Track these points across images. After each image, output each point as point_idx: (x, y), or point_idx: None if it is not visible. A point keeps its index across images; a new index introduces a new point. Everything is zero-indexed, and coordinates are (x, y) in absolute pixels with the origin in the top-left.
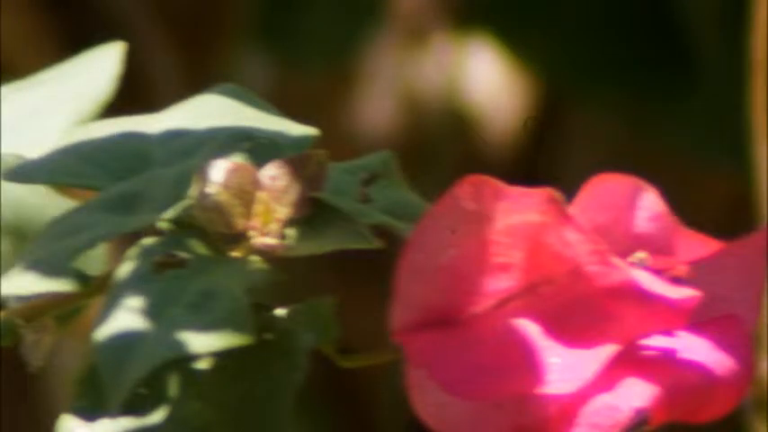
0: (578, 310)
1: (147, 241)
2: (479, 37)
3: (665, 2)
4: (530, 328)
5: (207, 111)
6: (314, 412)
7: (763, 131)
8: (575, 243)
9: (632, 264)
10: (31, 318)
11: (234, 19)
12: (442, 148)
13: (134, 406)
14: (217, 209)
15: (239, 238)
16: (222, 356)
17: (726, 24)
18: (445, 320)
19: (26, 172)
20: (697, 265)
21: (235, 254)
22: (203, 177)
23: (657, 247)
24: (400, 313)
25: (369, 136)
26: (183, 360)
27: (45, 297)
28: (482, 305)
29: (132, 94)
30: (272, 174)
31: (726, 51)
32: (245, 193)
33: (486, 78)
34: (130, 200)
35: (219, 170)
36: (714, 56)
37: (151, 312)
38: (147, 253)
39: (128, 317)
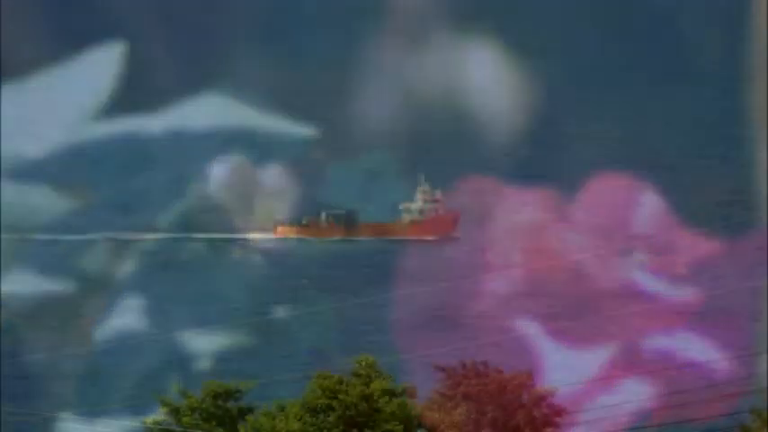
0: (578, 310)
1: (148, 241)
2: (479, 37)
3: (665, 3)
4: (530, 328)
5: (207, 111)
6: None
7: (764, 131)
8: (574, 243)
9: (632, 264)
10: (31, 318)
11: (234, 19)
12: (442, 147)
13: (134, 406)
14: (217, 209)
15: (239, 238)
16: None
17: (726, 25)
18: (445, 320)
19: (26, 172)
20: (697, 265)
21: (235, 254)
22: (203, 177)
23: (657, 247)
24: (401, 313)
25: (369, 136)
26: (182, 360)
27: (45, 297)
28: (482, 305)
29: (132, 94)
30: (272, 174)
31: (726, 52)
32: (245, 193)
33: (486, 78)
34: (130, 200)
35: (219, 170)
36: (714, 57)
37: (151, 312)
38: (147, 253)
39: (128, 317)
